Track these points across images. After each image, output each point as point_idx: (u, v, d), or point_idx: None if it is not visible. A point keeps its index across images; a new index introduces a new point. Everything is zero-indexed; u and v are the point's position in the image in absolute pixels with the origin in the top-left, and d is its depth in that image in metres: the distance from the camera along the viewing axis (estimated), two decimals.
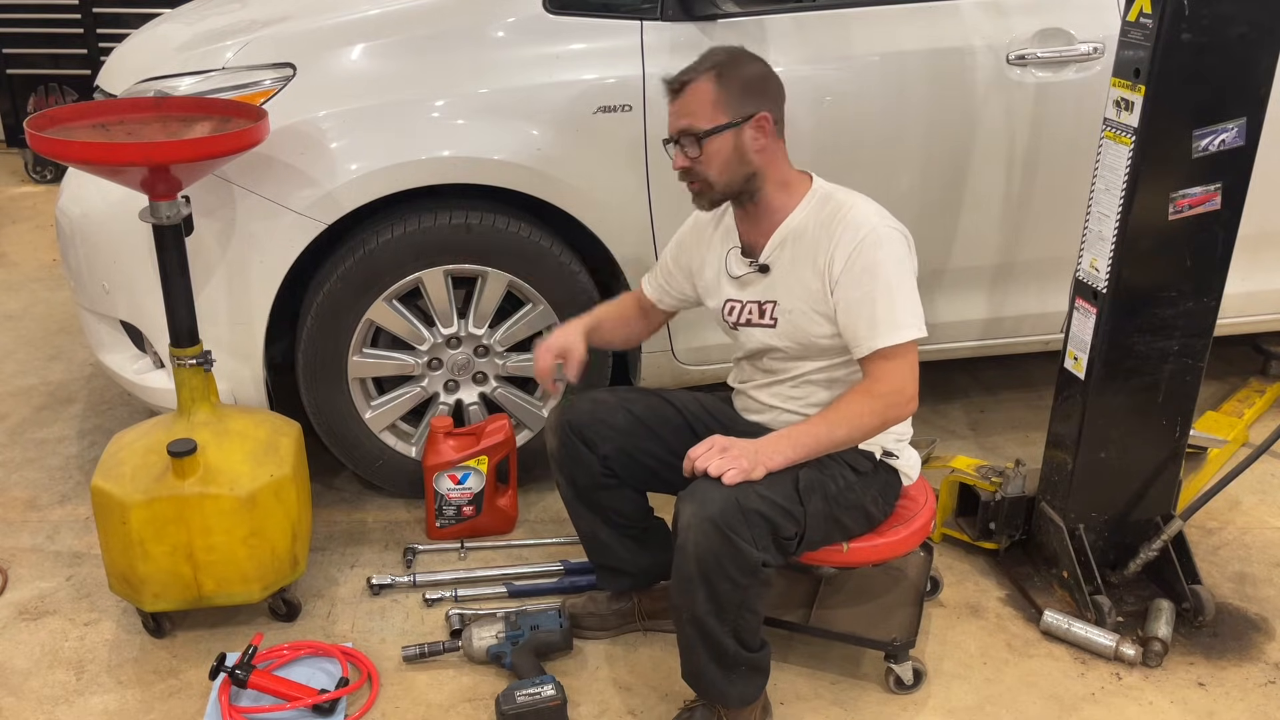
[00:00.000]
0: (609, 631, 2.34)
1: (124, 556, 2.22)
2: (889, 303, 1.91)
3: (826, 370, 2.06)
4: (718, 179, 1.98)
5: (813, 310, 1.99)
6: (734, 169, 1.97)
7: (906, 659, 2.17)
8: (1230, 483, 2.40)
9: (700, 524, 1.82)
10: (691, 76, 1.96)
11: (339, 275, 2.52)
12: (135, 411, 3.26)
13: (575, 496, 2.22)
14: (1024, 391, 3.49)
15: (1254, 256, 2.85)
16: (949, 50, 2.67)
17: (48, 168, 5.77)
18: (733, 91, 1.95)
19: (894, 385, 1.92)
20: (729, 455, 1.87)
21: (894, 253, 1.93)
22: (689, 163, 1.98)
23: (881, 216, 1.97)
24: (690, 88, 1.96)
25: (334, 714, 2.11)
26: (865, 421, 1.94)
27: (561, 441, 2.15)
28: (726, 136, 1.95)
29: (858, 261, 1.92)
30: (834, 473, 1.99)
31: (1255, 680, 2.25)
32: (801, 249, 2.00)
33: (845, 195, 2.01)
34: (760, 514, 1.84)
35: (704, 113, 1.95)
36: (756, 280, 2.07)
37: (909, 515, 2.14)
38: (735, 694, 1.98)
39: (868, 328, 1.92)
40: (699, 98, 1.95)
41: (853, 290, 1.93)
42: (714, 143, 1.95)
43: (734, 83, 1.95)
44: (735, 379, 2.25)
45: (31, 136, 2.08)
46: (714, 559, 1.82)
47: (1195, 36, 2.05)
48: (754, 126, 1.96)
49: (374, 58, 2.52)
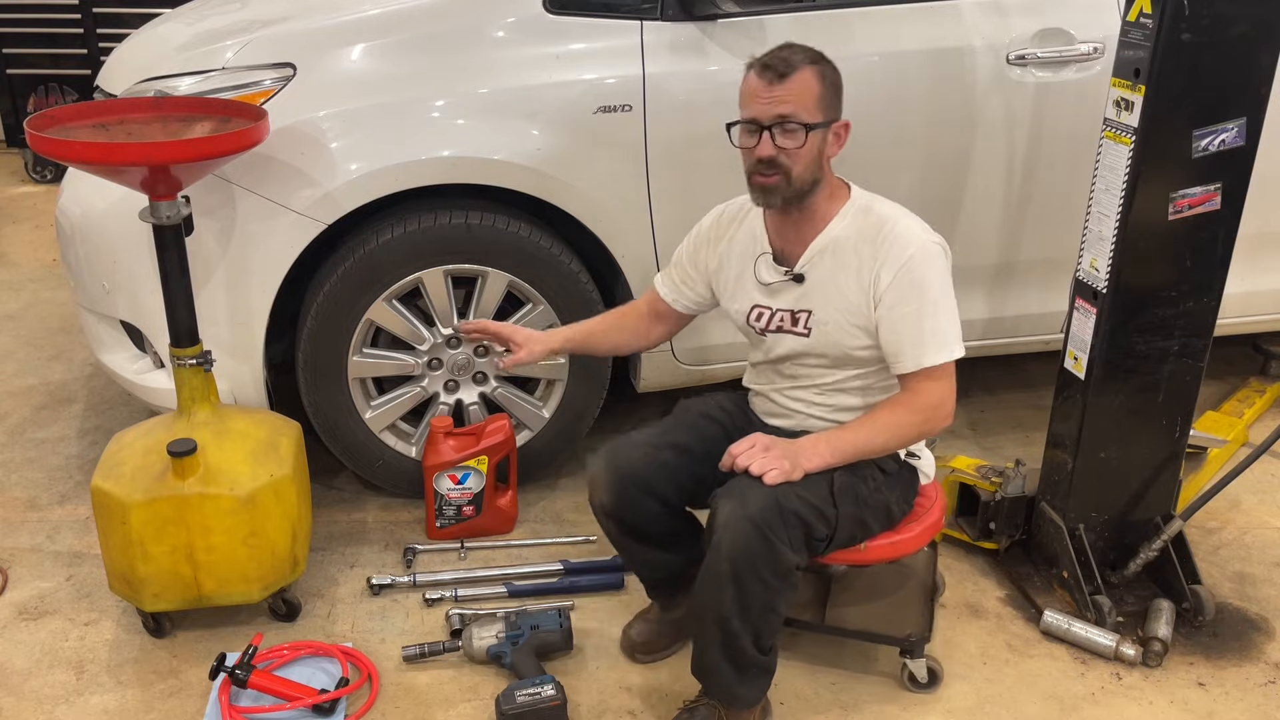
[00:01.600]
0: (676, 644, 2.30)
1: (124, 556, 2.22)
2: (935, 321, 1.91)
3: (858, 378, 2.05)
4: (800, 175, 1.92)
5: (850, 323, 1.98)
6: (813, 170, 1.93)
7: (922, 655, 2.18)
8: (1230, 483, 2.40)
9: (739, 522, 1.81)
10: (795, 65, 1.88)
11: (339, 275, 2.52)
12: (135, 411, 3.26)
13: (627, 534, 2.14)
14: (1024, 391, 3.49)
15: (1254, 256, 2.86)
16: (949, 50, 2.67)
17: (48, 168, 5.77)
18: (830, 91, 1.92)
19: (935, 400, 1.93)
20: (771, 455, 1.86)
21: (940, 268, 1.93)
22: (776, 152, 1.90)
23: (926, 231, 1.96)
24: (796, 76, 1.88)
25: (334, 714, 2.11)
26: (905, 433, 1.95)
27: (617, 495, 2.06)
28: (819, 135, 1.91)
29: (906, 277, 1.90)
30: (865, 474, 1.99)
31: (1255, 680, 2.25)
32: (842, 260, 1.97)
33: (886, 207, 1.99)
34: (798, 515, 1.84)
35: (809, 105, 1.89)
36: (789, 289, 2.03)
37: (922, 512, 2.15)
38: (744, 694, 1.99)
39: (913, 345, 1.91)
40: (805, 88, 1.89)
41: (901, 306, 1.91)
42: (812, 138, 1.90)
43: (832, 84, 1.93)
44: (754, 382, 2.21)
45: (31, 136, 2.09)
46: (748, 559, 1.82)
47: (1195, 36, 2.05)
48: (835, 132, 1.95)
49: (374, 58, 2.52)
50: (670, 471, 2.06)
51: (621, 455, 2.07)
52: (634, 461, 2.06)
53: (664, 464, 2.06)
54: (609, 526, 2.15)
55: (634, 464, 2.06)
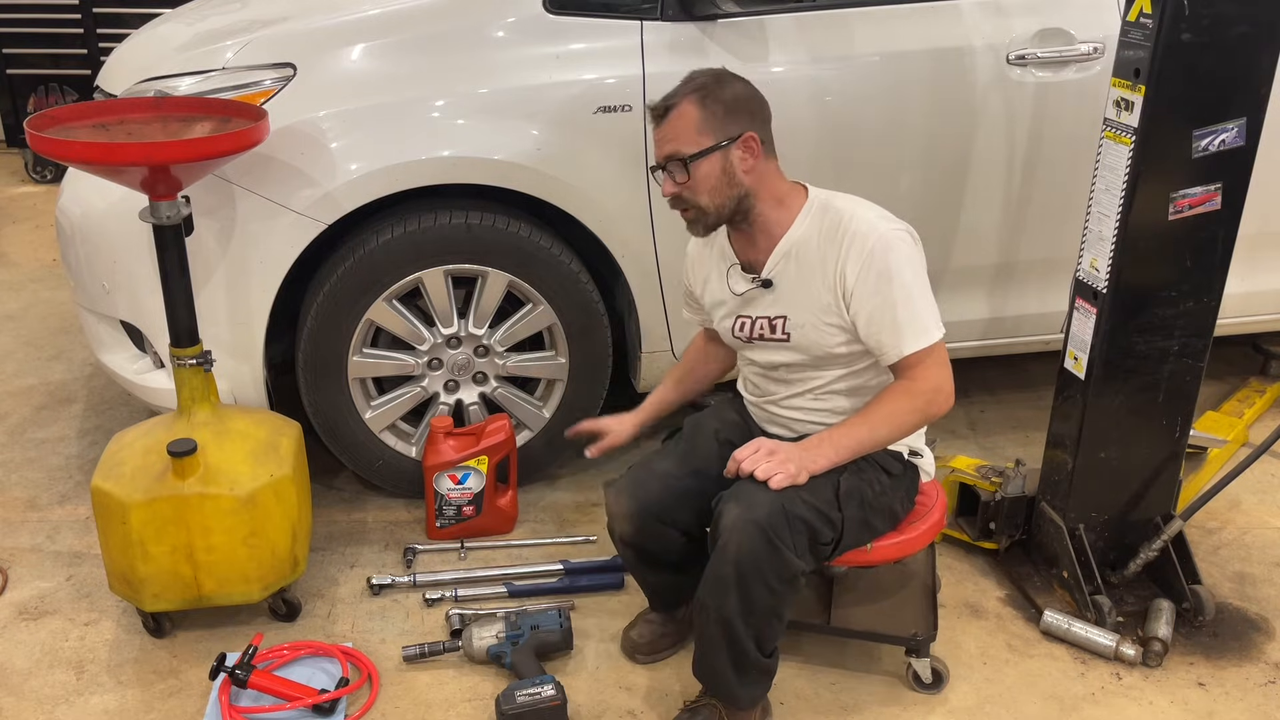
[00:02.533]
0: (678, 646, 2.30)
1: (124, 556, 2.22)
2: (909, 307, 1.90)
3: (847, 378, 2.04)
4: (709, 203, 1.93)
5: (825, 323, 1.97)
6: (724, 191, 1.93)
7: (927, 654, 2.18)
8: (1230, 483, 2.40)
9: (745, 527, 1.81)
10: (674, 101, 1.91)
11: (339, 275, 2.52)
12: (135, 411, 3.26)
13: (644, 562, 2.16)
14: (1024, 391, 3.49)
15: (1254, 256, 2.86)
16: (949, 50, 2.67)
17: (48, 168, 5.77)
18: (717, 113, 1.90)
19: (932, 383, 1.92)
20: (776, 459, 1.86)
21: (904, 254, 1.91)
22: (678, 189, 1.93)
23: (884, 219, 1.94)
24: (674, 113, 1.91)
25: (334, 714, 2.11)
26: (906, 420, 1.94)
27: (638, 527, 2.07)
28: (714, 159, 1.90)
29: (871, 269, 1.90)
30: (870, 477, 1.99)
31: (1255, 680, 2.25)
32: (807, 262, 1.97)
33: (843, 202, 1.98)
34: (804, 520, 1.84)
35: (688, 137, 1.90)
36: (761, 296, 2.04)
37: (924, 511, 2.15)
38: (745, 695, 1.99)
39: (892, 335, 1.91)
40: (683, 122, 1.90)
41: (871, 299, 1.90)
42: (701, 166, 1.90)
43: (718, 104, 1.91)
44: (749, 392, 2.21)
45: (31, 136, 2.09)
46: (754, 564, 1.82)
47: (1195, 36, 2.05)
48: (741, 147, 1.92)
49: (374, 58, 2.52)
50: (691, 500, 2.05)
51: (642, 487, 2.07)
52: (654, 493, 2.06)
53: (685, 493, 2.06)
54: (627, 555, 2.17)
55: (654, 495, 2.06)
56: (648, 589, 2.28)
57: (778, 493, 1.83)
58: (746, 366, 2.19)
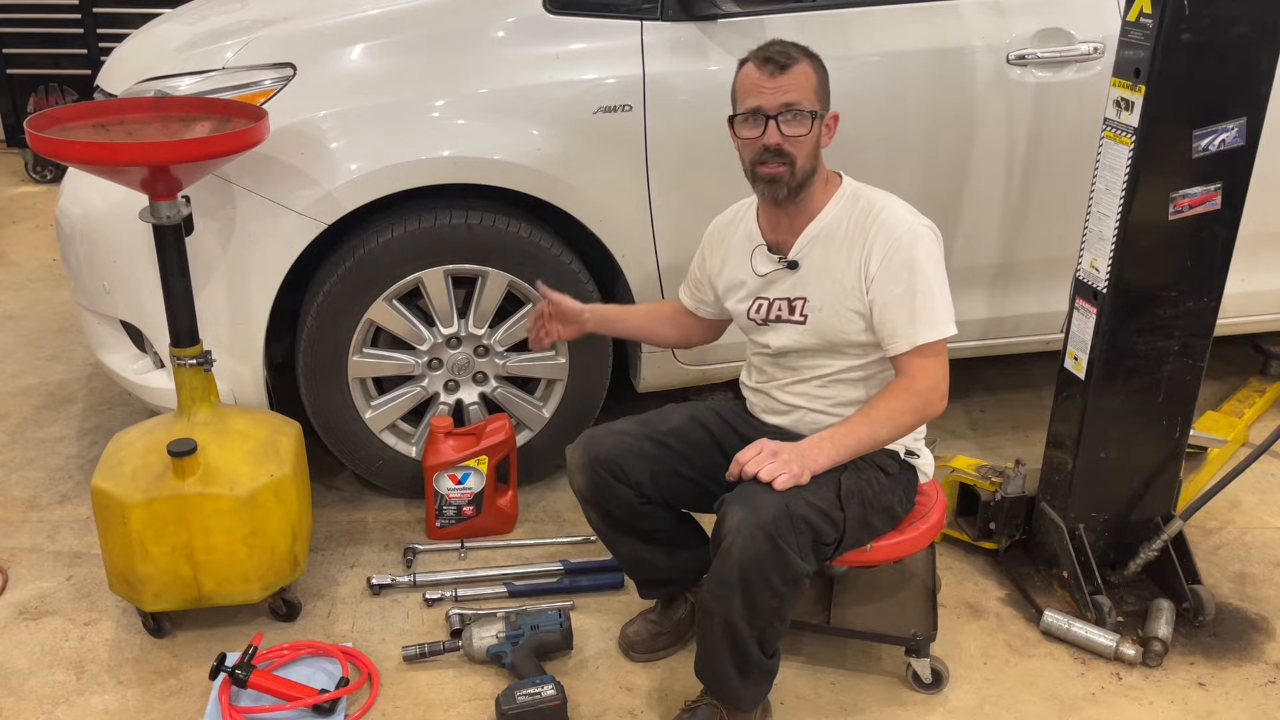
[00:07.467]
0: (675, 646, 2.31)
1: (124, 556, 2.22)
2: (927, 299, 1.94)
3: (853, 370, 2.07)
4: (802, 165, 1.97)
5: (844, 307, 2.00)
6: (813, 159, 1.99)
7: (927, 654, 2.18)
8: (1230, 483, 2.40)
9: (750, 530, 1.81)
10: (794, 58, 1.95)
11: (339, 275, 2.52)
12: (135, 411, 3.26)
13: (611, 527, 2.17)
14: (1024, 391, 3.49)
15: (1254, 256, 2.86)
16: (949, 50, 2.67)
17: (48, 168, 5.77)
18: (825, 84, 2.00)
19: (930, 382, 1.95)
20: (779, 460, 1.87)
21: (930, 250, 1.96)
22: (782, 140, 1.95)
23: (913, 213, 2.00)
24: (796, 68, 1.94)
25: (334, 714, 2.11)
26: (905, 420, 1.96)
27: (590, 479, 2.09)
28: (817, 125, 1.97)
29: (895, 258, 1.94)
30: (869, 476, 2.00)
31: (1255, 680, 2.25)
32: (835, 246, 2.01)
33: (875, 194, 2.03)
34: (807, 520, 1.85)
35: (809, 95, 1.96)
36: (784, 277, 2.07)
37: (924, 511, 2.15)
38: (747, 696, 2.00)
39: (908, 323, 1.94)
40: (805, 79, 1.95)
41: (892, 286, 1.94)
42: (815, 126, 1.96)
43: (825, 76, 2.00)
44: (753, 379, 2.22)
45: (31, 136, 2.08)
46: (758, 566, 1.82)
47: (1195, 36, 2.05)
48: (827, 124, 2.01)
49: (374, 58, 2.52)
50: (646, 461, 2.08)
51: (595, 440, 2.11)
52: (606, 447, 2.09)
53: (640, 453, 2.08)
54: (591, 516, 2.18)
55: (606, 449, 2.09)
56: (624, 565, 2.29)
57: (781, 495, 1.83)
58: (754, 353, 2.20)
